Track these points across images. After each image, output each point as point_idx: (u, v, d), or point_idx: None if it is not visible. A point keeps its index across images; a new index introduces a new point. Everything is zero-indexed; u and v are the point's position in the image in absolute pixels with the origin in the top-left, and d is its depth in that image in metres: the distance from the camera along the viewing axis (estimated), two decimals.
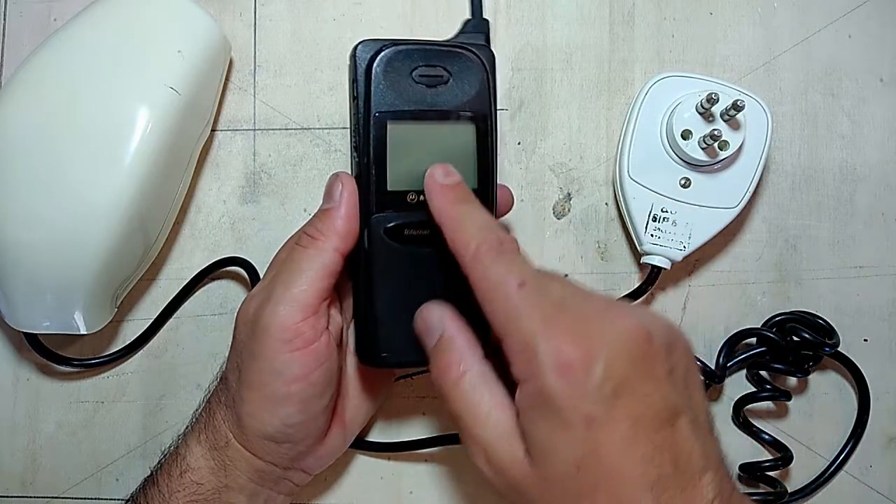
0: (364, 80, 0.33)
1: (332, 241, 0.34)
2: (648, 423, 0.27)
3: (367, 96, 0.33)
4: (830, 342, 0.40)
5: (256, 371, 0.34)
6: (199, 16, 0.41)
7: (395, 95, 0.34)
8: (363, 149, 0.34)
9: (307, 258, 0.34)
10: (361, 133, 0.34)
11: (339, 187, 0.34)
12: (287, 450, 0.36)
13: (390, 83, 0.33)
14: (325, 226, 0.34)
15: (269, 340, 0.33)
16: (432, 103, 0.34)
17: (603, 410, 0.27)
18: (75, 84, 0.38)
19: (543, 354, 0.27)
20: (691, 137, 0.40)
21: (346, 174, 0.35)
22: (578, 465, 0.27)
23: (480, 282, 0.30)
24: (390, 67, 0.33)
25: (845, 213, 0.44)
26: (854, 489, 0.42)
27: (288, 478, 0.38)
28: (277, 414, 0.34)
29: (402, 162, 0.34)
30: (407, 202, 0.34)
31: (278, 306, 0.33)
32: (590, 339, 0.28)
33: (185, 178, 0.43)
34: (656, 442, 0.27)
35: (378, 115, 0.33)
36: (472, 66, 0.34)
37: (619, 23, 0.45)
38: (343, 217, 0.34)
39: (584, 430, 0.27)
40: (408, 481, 0.43)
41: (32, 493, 0.44)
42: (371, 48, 0.34)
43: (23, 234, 0.38)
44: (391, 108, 0.33)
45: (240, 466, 0.36)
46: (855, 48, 0.44)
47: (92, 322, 0.40)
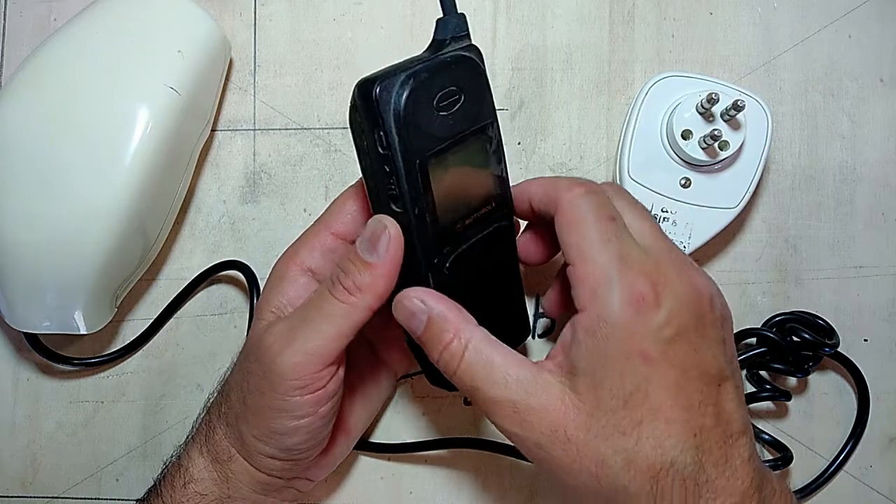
0: (395, 128, 0.29)
1: (368, 299, 0.31)
2: (697, 376, 0.29)
3: (404, 142, 0.30)
4: (830, 342, 0.40)
5: (263, 406, 0.33)
6: (199, 16, 0.41)
7: (427, 134, 0.30)
8: (407, 200, 0.31)
9: (340, 314, 0.31)
10: (406, 183, 0.30)
11: (386, 241, 0.31)
12: (291, 465, 0.36)
13: (420, 124, 0.30)
14: (364, 283, 0.31)
15: (281, 385, 0.32)
16: (457, 129, 0.32)
17: (659, 350, 0.28)
18: (75, 84, 0.38)
19: (617, 285, 0.28)
20: (691, 137, 0.40)
21: (394, 223, 0.31)
22: (626, 399, 0.28)
23: (568, 209, 0.31)
24: (417, 106, 0.30)
25: (845, 213, 0.44)
26: (854, 489, 0.42)
27: (292, 486, 0.38)
28: (283, 442, 0.34)
29: (446, 198, 0.32)
30: (456, 232, 0.33)
31: (297, 355, 0.32)
32: (662, 284, 0.29)
33: (185, 178, 0.43)
34: (703, 395, 0.28)
35: (420, 161, 0.30)
36: (475, 75, 0.32)
37: (619, 23, 0.45)
38: (385, 277, 0.31)
39: (640, 364, 0.28)
40: (408, 481, 0.43)
41: (32, 493, 0.44)
42: (389, 90, 0.29)
43: (23, 234, 0.38)
44: (428, 148, 0.30)
45: (243, 479, 0.36)
46: (855, 48, 0.44)
47: (92, 322, 0.40)
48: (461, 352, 0.30)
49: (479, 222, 0.34)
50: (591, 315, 0.29)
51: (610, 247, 0.29)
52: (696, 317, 0.29)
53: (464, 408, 0.43)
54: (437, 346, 0.31)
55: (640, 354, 0.28)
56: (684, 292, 0.29)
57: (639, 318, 0.28)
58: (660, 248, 0.31)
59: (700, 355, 0.29)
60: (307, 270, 0.36)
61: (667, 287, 0.29)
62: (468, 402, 0.43)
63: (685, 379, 0.28)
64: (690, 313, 0.29)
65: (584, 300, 0.29)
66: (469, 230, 0.33)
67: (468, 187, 0.33)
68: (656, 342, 0.28)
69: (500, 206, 0.34)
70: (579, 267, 0.30)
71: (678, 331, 0.28)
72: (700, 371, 0.29)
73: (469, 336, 0.30)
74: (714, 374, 0.29)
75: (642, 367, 0.28)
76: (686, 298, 0.29)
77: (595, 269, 0.29)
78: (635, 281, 0.29)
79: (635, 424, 0.28)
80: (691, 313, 0.29)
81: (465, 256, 0.33)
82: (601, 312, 0.28)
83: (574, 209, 0.31)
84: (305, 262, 0.36)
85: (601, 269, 0.29)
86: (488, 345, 0.30)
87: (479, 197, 0.34)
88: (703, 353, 0.29)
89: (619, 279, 0.29)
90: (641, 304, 0.28)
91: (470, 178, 0.33)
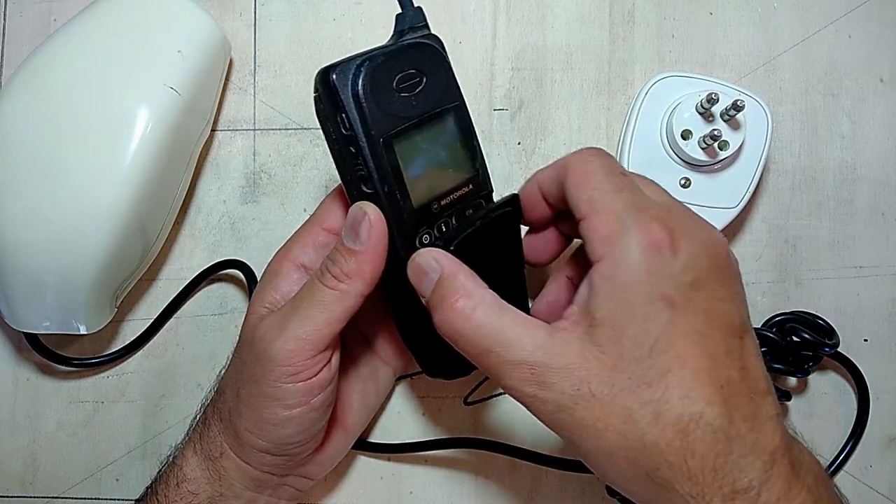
0: (355, 107, 0.31)
1: (356, 286, 0.32)
2: (721, 326, 0.28)
3: (365, 124, 0.31)
4: (830, 342, 0.40)
5: (256, 395, 0.33)
6: (199, 16, 0.41)
7: (389, 114, 0.32)
8: (380, 179, 0.32)
9: (329, 299, 0.32)
10: (372, 164, 0.31)
11: (367, 226, 0.31)
12: (284, 461, 0.36)
13: (380, 103, 0.31)
14: (351, 269, 0.32)
15: (273, 372, 0.32)
16: (419, 109, 0.33)
17: (682, 296, 0.27)
18: (75, 84, 0.38)
19: (633, 229, 0.28)
20: (691, 137, 0.40)
21: (374, 208, 0.32)
22: (651, 346, 0.27)
23: (578, 167, 0.30)
24: (376, 87, 0.31)
25: (845, 213, 0.44)
26: (854, 489, 0.42)
27: (288, 484, 0.38)
28: (276, 434, 0.34)
29: (417, 176, 0.33)
30: (433, 212, 0.33)
31: (289, 342, 0.32)
32: (678, 231, 0.28)
33: (185, 178, 0.43)
34: (728, 346, 0.27)
35: (384, 140, 0.31)
36: (434, 59, 0.33)
37: (619, 23, 0.45)
38: (371, 262, 0.32)
39: (663, 309, 0.27)
40: (408, 481, 0.43)
41: (32, 493, 0.44)
42: (345, 73, 0.31)
43: (23, 234, 0.38)
44: (391, 127, 0.32)
45: (235, 476, 0.36)
46: (855, 48, 0.44)
47: (92, 322, 0.40)
48: (470, 313, 0.29)
49: (458, 203, 0.34)
50: (609, 262, 0.28)
51: (623, 196, 0.29)
52: (715, 265, 0.28)
53: (464, 408, 0.43)
54: (446, 304, 0.30)
55: (663, 299, 0.27)
56: (701, 240, 0.29)
57: (659, 262, 0.27)
58: (671, 201, 0.31)
59: (722, 304, 0.28)
60: (300, 266, 0.36)
61: (683, 234, 0.28)
62: (468, 402, 0.43)
63: (709, 327, 0.27)
64: (710, 261, 0.28)
65: (599, 249, 0.28)
66: (447, 211, 0.34)
67: (440, 167, 0.33)
68: (678, 287, 0.27)
69: (479, 188, 0.35)
70: (593, 218, 0.29)
71: (699, 277, 0.28)
72: (723, 320, 0.28)
73: (480, 298, 0.29)
74: (737, 326, 0.28)
75: (665, 312, 0.27)
76: (704, 247, 0.28)
77: (609, 216, 0.28)
78: (651, 226, 0.28)
79: (662, 374, 0.26)
80: (710, 261, 0.28)
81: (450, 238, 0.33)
82: (619, 257, 0.28)
83: (584, 165, 0.30)
84: (298, 259, 0.36)
85: (615, 215, 0.28)
86: (500, 306, 0.29)
87: (452, 177, 0.34)
88: (725, 302, 0.28)
89: (635, 224, 0.28)
90: (660, 248, 0.27)
91: (441, 157, 0.33)
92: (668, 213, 0.29)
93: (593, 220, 0.29)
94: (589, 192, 0.30)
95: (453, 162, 0.34)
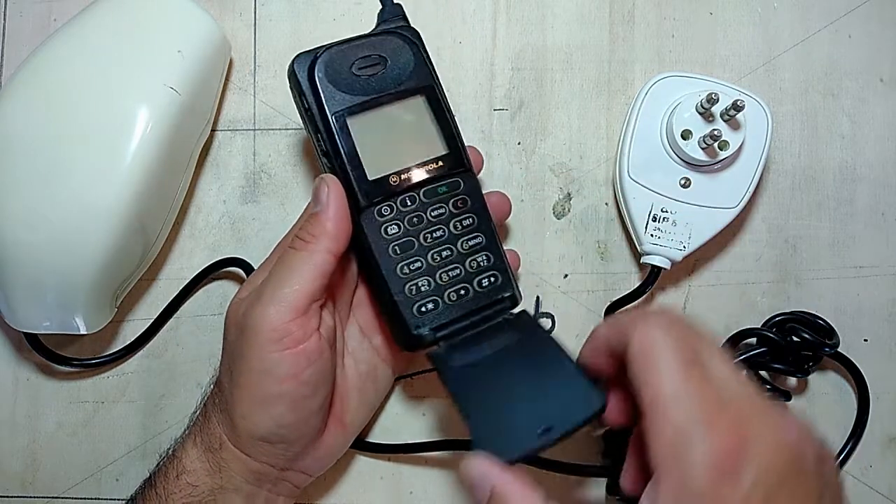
0: (311, 88, 0.35)
1: (323, 243, 0.34)
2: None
3: (320, 102, 0.35)
4: (830, 342, 0.40)
5: (246, 371, 0.34)
6: (199, 16, 0.41)
7: (345, 93, 0.35)
8: (334, 151, 0.35)
9: (298, 260, 0.34)
10: (326, 138, 0.35)
11: (325, 190, 0.34)
12: (281, 451, 0.36)
13: (336, 84, 0.35)
14: (315, 229, 0.34)
15: (258, 340, 0.33)
16: (379, 88, 0.35)
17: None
18: (75, 84, 0.38)
19: (700, 448, 0.26)
20: (691, 137, 0.40)
21: (331, 176, 0.35)
22: None
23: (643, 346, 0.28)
24: (331, 69, 0.35)
25: (845, 213, 0.44)
26: (854, 489, 0.42)
27: (286, 479, 0.38)
28: (269, 413, 0.34)
29: (374, 151, 0.35)
30: (391, 185, 0.35)
31: (268, 307, 0.33)
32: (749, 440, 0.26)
33: (185, 178, 0.43)
34: None
35: (336, 115, 0.35)
36: (401, 45, 0.36)
37: (619, 23, 0.45)
38: (332, 219, 0.34)
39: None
40: (408, 481, 0.43)
41: (32, 493, 0.44)
42: (305, 59, 0.35)
43: (23, 234, 0.38)
44: (345, 104, 0.35)
45: (234, 468, 0.36)
46: (855, 48, 0.44)
47: (92, 322, 0.40)
48: None
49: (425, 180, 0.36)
50: (673, 482, 0.26)
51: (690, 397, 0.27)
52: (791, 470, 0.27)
53: None
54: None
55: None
56: (773, 447, 0.26)
57: (725, 485, 0.25)
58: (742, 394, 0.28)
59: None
60: None
61: (754, 440, 0.26)
62: None
63: None
64: (784, 467, 0.26)
65: (661, 467, 0.26)
66: (410, 185, 0.35)
67: (398, 143, 0.36)
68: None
69: (451, 166, 0.36)
70: (656, 421, 0.27)
71: (770, 490, 0.26)
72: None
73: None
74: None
75: None
76: (778, 451, 0.26)
77: (674, 425, 0.26)
78: (720, 441, 0.26)
79: None
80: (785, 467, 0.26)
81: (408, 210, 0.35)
82: (683, 480, 0.26)
83: (650, 350, 0.28)
84: None
85: (681, 426, 0.26)
86: None
87: (415, 153, 0.36)
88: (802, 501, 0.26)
89: (703, 441, 0.26)
90: (727, 468, 0.25)
91: (401, 134, 0.36)
92: (737, 415, 0.27)
93: (657, 423, 0.27)
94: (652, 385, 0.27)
95: (416, 139, 0.36)
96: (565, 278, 0.44)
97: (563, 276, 0.44)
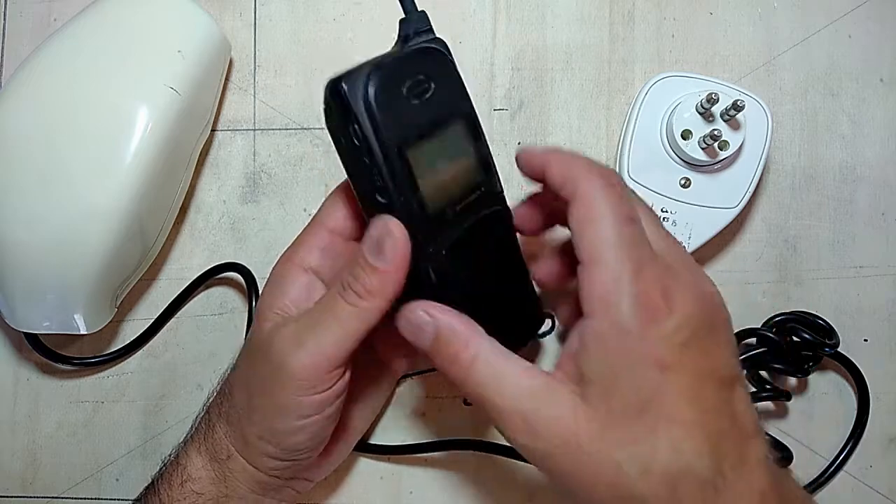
0: (367, 117, 0.30)
1: (378, 303, 0.31)
2: (711, 381, 0.28)
3: (377, 133, 0.30)
4: (830, 342, 0.40)
5: (271, 406, 0.33)
6: (199, 16, 0.41)
7: (401, 122, 0.31)
8: (391, 188, 0.31)
9: (350, 317, 0.31)
10: (387, 172, 0.30)
11: (392, 243, 0.30)
12: (292, 465, 0.36)
13: (391, 111, 0.30)
14: (374, 285, 0.31)
15: (290, 384, 0.32)
16: (431, 115, 0.32)
17: (674, 357, 0.28)
18: (75, 84, 0.38)
19: (630, 292, 0.28)
20: (691, 137, 0.40)
21: (398, 224, 0.31)
22: (642, 407, 0.27)
23: (586, 203, 0.30)
24: (385, 95, 0.30)
25: (845, 213, 0.44)
26: (854, 489, 0.42)
27: (290, 486, 0.38)
28: (288, 441, 0.34)
29: (431, 185, 0.32)
30: (448, 220, 0.32)
31: (308, 357, 0.32)
32: (674, 289, 0.29)
33: (185, 178, 0.43)
34: (718, 399, 0.28)
35: (399, 149, 0.30)
36: (442, 63, 0.33)
37: (619, 23, 0.45)
38: (395, 281, 0.31)
39: (655, 371, 0.27)
40: (408, 482, 0.43)
41: (32, 493, 0.44)
42: (355, 82, 0.30)
43: (23, 234, 0.38)
44: (406, 137, 0.31)
45: (241, 478, 0.36)
46: (855, 48, 0.44)
47: (92, 322, 0.40)
48: (470, 363, 0.30)
49: (470, 209, 0.34)
50: (602, 322, 0.28)
51: (624, 250, 0.29)
52: (707, 320, 0.29)
53: (464, 408, 0.43)
54: (446, 358, 0.30)
55: (656, 362, 0.28)
56: (695, 296, 0.29)
57: (652, 325, 0.28)
58: (670, 251, 0.31)
59: (713, 359, 0.29)
60: (307, 269, 0.35)
61: (678, 292, 0.29)
62: (468, 403, 0.43)
63: (700, 384, 0.28)
64: (702, 317, 0.29)
65: (593, 306, 0.29)
66: (461, 217, 0.33)
67: (453, 173, 0.33)
68: (671, 348, 0.28)
69: (489, 193, 0.34)
70: (591, 270, 0.29)
71: (691, 335, 0.28)
72: (714, 375, 0.29)
73: (477, 347, 0.30)
74: (727, 377, 0.29)
75: (657, 374, 0.28)
76: (697, 303, 0.29)
77: (607, 274, 0.28)
78: (648, 288, 0.28)
79: (650, 431, 0.27)
80: (703, 317, 0.29)
81: (462, 244, 0.33)
82: (613, 319, 0.28)
83: (592, 204, 0.30)
84: (305, 262, 0.35)
85: (614, 275, 0.28)
86: (497, 355, 0.30)
87: (465, 183, 0.33)
88: (716, 356, 0.29)
89: (633, 287, 0.28)
90: (655, 311, 0.28)
91: (453, 163, 0.33)
92: (666, 270, 0.29)
93: (592, 272, 0.29)
94: (591, 239, 0.29)
95: (465, 168, 0.34)
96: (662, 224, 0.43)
97: None
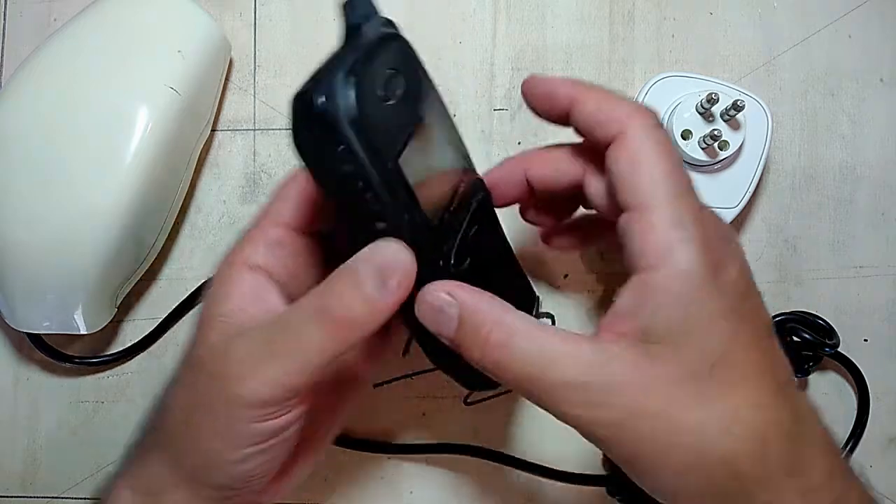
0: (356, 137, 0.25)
1: (361, 335, 0.26)
2: (767, 330, 0.28)
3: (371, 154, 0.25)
4: (830, 342, 0.40)
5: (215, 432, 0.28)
6: (199, 16, 0.41)
7: (388, 132, 0.26)
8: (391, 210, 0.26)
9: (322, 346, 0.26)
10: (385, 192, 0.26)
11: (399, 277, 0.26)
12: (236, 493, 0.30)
13: (377, 122, 0.25)
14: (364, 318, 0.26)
15: (243, 412, 0.27)
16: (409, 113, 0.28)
17: (739, 309, 0.26)
18: (75, 84, 0.38)
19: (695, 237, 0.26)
20: (691, 137, 0.40)
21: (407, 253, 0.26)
22: (715, 361, 0.25)
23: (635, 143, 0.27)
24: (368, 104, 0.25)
25: (845, 213, 0.44)
26: None
27: None
28: (235, 470, 0.28)
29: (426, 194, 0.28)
30: (446, 226, 0.29)
31: (267, 386, 0.26)
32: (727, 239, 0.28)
33: (185, 178, 0.43)
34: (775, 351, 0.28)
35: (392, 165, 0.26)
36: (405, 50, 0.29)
37: (619, 23, 0.45)
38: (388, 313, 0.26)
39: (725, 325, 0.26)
40: (408, 481, 0.43)
41: (32, 493, 0.44)
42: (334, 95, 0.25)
43: (23, 234, 0.38)
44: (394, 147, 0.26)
45: None
46: (855, 48, 0.44)
47: (92, 322, 0.40)
48: (505, 343, 0.26)
49: (462, 205, 0.31)
50: (667, 272, 0.26)
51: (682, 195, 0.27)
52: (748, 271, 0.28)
53: (464, 408, 0.43)
54: (478, 341, 0.26)
55: (724, 314, 0.26)
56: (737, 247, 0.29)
57: (720, 273, 0.26)
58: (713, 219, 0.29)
59: (762, 309, 0.28)
60: (254, 268, 0.30)
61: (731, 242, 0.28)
62: (468, 403, 0.43)
63: (759, 336, 0.27)
64: (748, 271, 0.28)
65: (654, 255, 0.26)
66: (457, 217, 0.30)
67: (441, 171, 0.30)
68: (738, 297, 0.26)
69: (472, 179, 0.32)
70: (647, 216, 0.26)
71: (746, 286, 0.27)
72: (767, 324, 0.28)
73: (511, 324, 0.26)
74: (770, 325, 0.28)
75: (727, 327, 0.26)
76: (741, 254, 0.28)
77: (667, 220, 0.26)
78: (710, 233, 0.26)
79: (730, 386, 0.25)
80: (748, 271, 0.28)
81: (464, 249, 0.30)
82: (679, 269, 0.25)
83: (644, 145, 0.27)
84: (250, 259, 0.30)
85: (674, 219, 0.26)
86: (535, 328, 0.26)
87: (453, 177, 0.31)
88: (762, 306, 0.28)
89: (696, 231, 0.26)
90: (719, 259, 0.26)
91: (440, 159, 0.30)
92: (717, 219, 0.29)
93: (649, 218, 0.26)
94: (643, 182, 0.27)
95: (450, 160, 0.31)
96: (565, 278, 0.44)
97: (563, 275, 0.44)
